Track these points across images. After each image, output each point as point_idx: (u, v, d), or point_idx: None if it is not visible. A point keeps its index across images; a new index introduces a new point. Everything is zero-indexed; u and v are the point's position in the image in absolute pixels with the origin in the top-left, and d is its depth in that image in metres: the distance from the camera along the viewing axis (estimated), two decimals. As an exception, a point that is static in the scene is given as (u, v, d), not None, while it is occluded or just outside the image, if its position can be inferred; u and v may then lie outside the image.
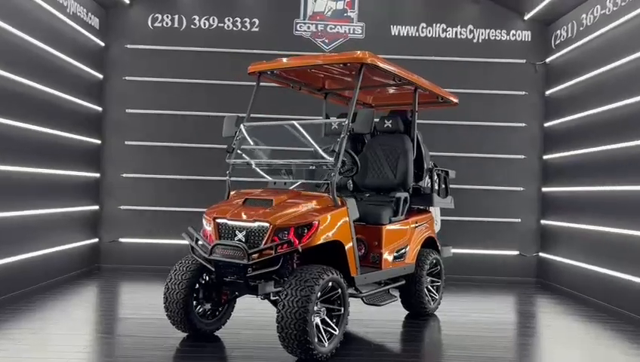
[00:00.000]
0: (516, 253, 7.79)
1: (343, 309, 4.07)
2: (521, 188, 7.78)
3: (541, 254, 7.73)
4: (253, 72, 4.96)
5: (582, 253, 6.68)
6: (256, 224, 4.00)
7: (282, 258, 3.86)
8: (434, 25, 7.85)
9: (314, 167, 4.42)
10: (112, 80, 7.74)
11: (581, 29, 6.87)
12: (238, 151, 4.71)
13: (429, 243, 5.63)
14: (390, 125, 5.57)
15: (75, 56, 6.93)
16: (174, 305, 4.25)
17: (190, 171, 7.69)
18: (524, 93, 7.80)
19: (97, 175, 7.68)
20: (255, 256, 3.89)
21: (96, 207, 7.68)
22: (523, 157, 7.80)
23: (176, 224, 7.63)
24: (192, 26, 7.79)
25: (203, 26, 7.80)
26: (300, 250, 3.85)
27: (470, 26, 7.84)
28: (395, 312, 5.48)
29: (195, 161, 7.69)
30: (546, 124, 7.74)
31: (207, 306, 4.47)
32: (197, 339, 4.40)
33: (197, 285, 4.38)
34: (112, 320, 5.19)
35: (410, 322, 5.33)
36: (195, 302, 4.38)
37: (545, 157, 7.74)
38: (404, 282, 5.22)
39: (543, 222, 7.73)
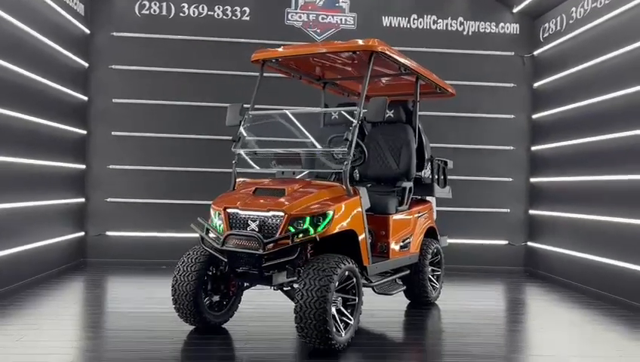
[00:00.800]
0: (505, 242, 7.92)
1: (357, 298, 4.05)
2: (510, 179, 7.91)
3: (529, 243, 7.88)
4: (257, 59, 4.87)
5: (569, 242, 6.85)
6: (270, 213, 3.93)
7: (299, 248, 3.81)
8: (425, 16, 7.87)
9: (324, 157, 4.36)
10: (98, 68, 7.50)
11: (571, 22, 7.00)
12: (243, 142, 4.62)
13: (430, 233, 5.66)
14: (392, 115, 5.56)
15: (60, 42, 6.64)
16: (183, 298, 4.15)
17: (178, 162, 7.54)
18: (512, 85, 7.92)
19: (83, 166, 7.44)
20: (271, 245, 3.83)
21: (82, 200, 7.44)
22: (511, 148, 7.92)
23: (165, 216, 7.51)
24: (181, 14, 7.61)
25: (192, 14, 7.63)
26: (318, 239, 3.81)
27: (460, 18, 7.90)
28: (397, 302, 5.49)
29: (183, 151, 7.54)
30: (534, 116, 7.87)
31: (216, 298, 4.38)
32: (206, 332, 4.31)
33: (205, 277, 4.29)
34: (102, 315, 5.05)
35: (413, 311, 5.35)
36: (203, 294, 4.29)
37: (533, 148, 7.88)
38: (408, 272, 5.23)
39: (531, 212, 7.88)
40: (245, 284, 4.45)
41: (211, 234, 4.17)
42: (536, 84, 7.85)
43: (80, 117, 7.34)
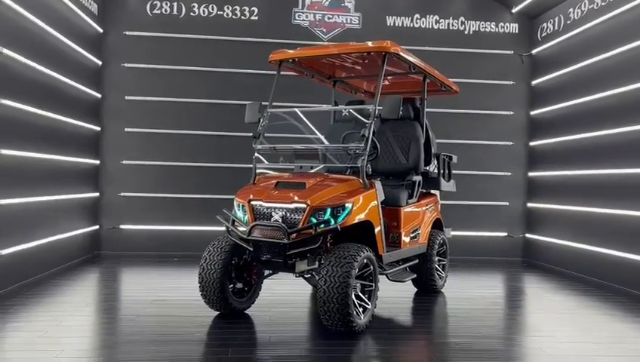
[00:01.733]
0: (504, 234, 8.24)
1: (374, 284, 4.33)
2: (509, 173, 8.22)
3: (527, 235, 8.20)
4: (275, 60, 5.12)
5: (566, 233, 7.20)
6: (293, 205, 4.20)
7: (321, 237, 4.08)
8: (427, 16, 8.15)
9: (347, 153, 4.63)
10: (111, 66, 7.72)
11: (568, 22, 7.31)
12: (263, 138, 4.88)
13: (436, 225, 5.95)
14: (401, 112, 5.80)
15: (75, 40, 6.84)
16: (210, 285, 4.41)
17: (189, 158, 7.78)
18: (511, 82, 8.22)
19: (97, 162, 7.66)
20: (294, 235, 4.10)
21: (97, 194, 7.67)
22: (510, 143, 8.23)
23: (176, 210, 7.76)
24: (192, 14, 7.84)
25: (202, 14, 7.85)
26: (339, 230, 4.08)
27: (461, 18, 8.18)
28: (405, 290, 5.79)
29: (194, 147, 7.78)
30: (532, 113, 8.18)
31: (239, 285, 4.65)
32: (231, 317, 4.57)
33: (230, 265, 4.55)
34: (128, 302, 5.28)
35: (421, 298, 5.65)
36: (227, 282, 4.56)
37: (531, 143, 8.19)
38: (417, 261, 5.52)
39: (529, 205, 8.20)
40: (266, 273, 4.72)
41: (239, 226, 4.42)
42: (534, 82, 8.16)
43: (94, 114, 7.56)
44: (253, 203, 4.40)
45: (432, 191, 6.18)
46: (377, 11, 8.08)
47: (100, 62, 7.64)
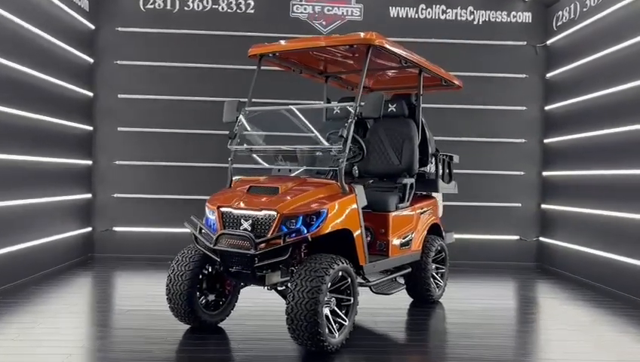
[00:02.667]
0: (516, 237, 7.75)
1: (352, 299, 3.96)
2: (521, 173, 7.72)
3: (541, 239, 7.68)
4: (254, 54, 4.78)
5: (583, 238, 6.66)
6: (262, 213, 3.86)
7: (291, 248, 3.73)
8: (433, 6, 7.69)
9: (321, 154, 4.26)
10: (103, 64, 7.50)
11: (584, 10, 6.76)
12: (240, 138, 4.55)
13: (434, 230, 5.54)
14: (394, 109, 5.42)
15: (64, 39, 6.67)
16: (177, 297, 4.11)
17: (184, 158, 7.51)
18: (524, 75, 7.70)
19: (89, 162, 7.46)
20: (262, 245, 3.76)
21: (89, 196, 7.48)
22: (523, 141, 7.72)
23: (171, 212, 7.50)
24: (186, 8, 7.56)
25: (197, 8, 7.57)
26: (310, 239, 3.72)
27: (470, 8, 7.69)
28: (400, 300, 5.39)
29: (189, 147, 7.51)
30: (547, 108, 7.65)
31: (211, 297, 4.34)
32: (201, 331, 4.27)
33: (200, 276, 4.24)
34: (109, 312, 5.04)
35: (417, 310, 5.24)
36: (198, 293, 4.25)
37: (545, 141, 7.66)
38: (410, 269, 5.12)
39: (543, 206, 7.68)
40: (240, 284, 4.39)
41: (204, 232, 4.10)
42: (549, 75, 7.62)
43: (86, 113, 7.35)
44: (222, 209, 4.07)
45: (434, 194, 5.78)
46: (380, 2, 7.66)
47: (91, 60, 7.42)
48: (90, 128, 7.45)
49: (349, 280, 3.92)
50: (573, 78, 7.01)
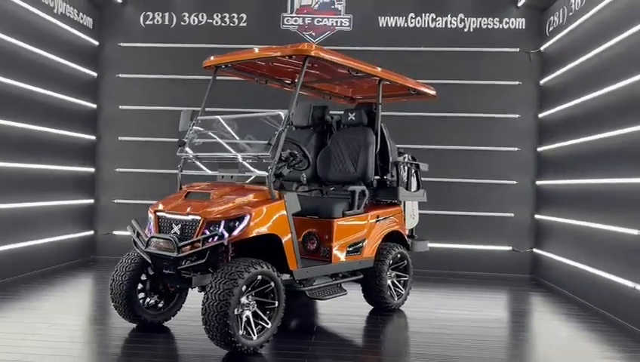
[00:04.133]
0: (509, 248, 7.54)
1: (277, 303, 4.06)
2: (514, 182, 7.52)
3: (535, 250, 7.45)
4: (209, 66, 5.01)
5: (577, 252, 6.17)
6: (189, 217, 4.05)
7: (210, 251, 3.88)
8: (423, 15, 7.67)
9: (254, 161, 4.40)
10: (106, 77, 7.97)
11: (570, 14, 6.56)
12: (189, 146, 4.77)
13: (396, 238, 5.54)
14: (354, 118, 5.51)
15: (71, 57, 7.28)
16: (118, 297, 4.35)
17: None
18: (517, 83, 7.52)
19: (92, 170, 7.94)
20: (186, 248, 3.94)
21: (92, 201, 7.94)
22: (516, 149, 7.53)
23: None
24: (182, 23, 7.92)
25: (192, 23, 7.91)
26: (226, 243, 3.87)
27: (461, 15, 7.62)
28: (362, 307, 5.43)
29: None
30: (541, 115, 7.43)
31: (155, 297, 4.55)
32: (145, 330, 4.48)
33: (145, 276, 4.47)
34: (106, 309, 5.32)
35: (375, 317, 5.25)
36: (143, 294, 4.48)
37: (539, 149, 7.44)
38: (361, 276, 5.16)
39: (537, 216, 7.44)
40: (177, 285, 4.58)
41: (142, 237, 4.33)
42: (542, 81, 7.41)
43: (90, 124, 7.84)
44: (158, 214, 4.30)
45: (407, 202, 5.80)
46: (369, 12, 7.73)
47: (95, 74, 7.91)
48: (94, 138, 7.93)
49: (273, 284, 4.02)
50: (563, 83, 6.79)
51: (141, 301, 4.49)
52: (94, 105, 7.92)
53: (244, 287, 3.79)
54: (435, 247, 7.55)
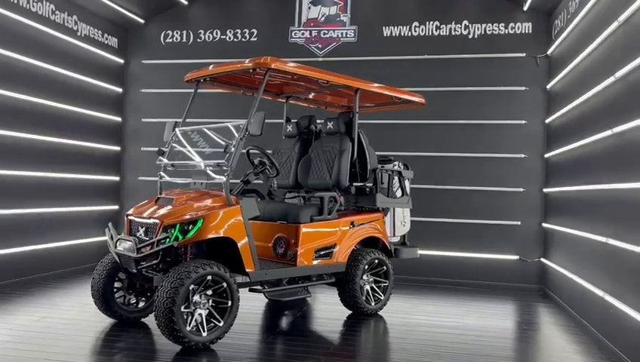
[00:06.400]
0: (516, 257, 7.36)
1: (230, 302, 4.30)
2: (521, 189, 7.35)
3: (543, 260, 7.22)
4: (190, 79, 5.38)
5: (582, 266, 5.63)
6: (151, 221, 4.39)
7: (162, 252, 4.20)
8: (427, 23, 7.70)
9: (211, 168, 4.68)
10: (131, 93, 8.60)
11: (568, 16, 6.38)
12: (168, 155, 5.14)
13: (374, 244, 5.63)
14: (332, 127, 5.68)
15: (99, 76, 8.04)
16: (97, 293, 4.76)
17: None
18: (524, 88, 7.37)
19: (117, 178, 8.56)
20: (147, 249, 4.27)
21: (117, 207, 8.55)
22: (523, 156, 7.36)
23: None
24: (198, 40, 8.41)
25: (207, 39, 8.38)
26: (176, 246, 4.16)
27: (465, 22, 7.58)
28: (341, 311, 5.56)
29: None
30: (548, 120, 7.23)
31: (133, 294, 4.92)
32: (123, 325, 4.85)
33: (124, 276, 4.84)
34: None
35: (355, 321, 5.36)
36: (122, 292, 4.87)
37: (547, 155, 7.23)
38: (333, 280, 5.30)
39: (544, 225, 7.22)
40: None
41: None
42: (549, 86, 7.22)
43: (116, 136, 8.48)
44: (129, 217, 4.68)
45: (397, 209, 5.92)
46: (373, 23, 7.86)
47: (120, 90, 8.55)
48: (119, 148, 8.56)
49: (225, 284, 4.26)
50: (567, 85, 6.58)
51: (122, 298, 4.88)
52: (119, 119, 8.55)
53: (192, 286, 4.06)
54: (440, 255, 7.55)
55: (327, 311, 5.73)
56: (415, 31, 7.74)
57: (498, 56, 7.47)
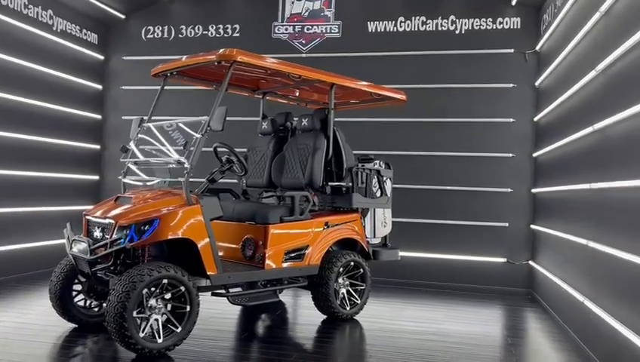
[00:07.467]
0: (503, 260, 7.11)
1: (189, 307, 4.08)
2: (509, 190, 7.10)
3: (532, 263, 6.97)
4: (156, 73, 5.16)
5: (567, 272, 5.31)
6: (106, 221, 4.17)
7: (115, 254, 3.98)
8: (413, 18, 7.47)
9: (171, 166, 4.47)
10: (111, 90, 8.40)
11: (555, 10, 6.13)
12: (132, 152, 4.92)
13: (354, 246, 5.41)
14: (307, 124, 5.45)
15: (78, 73, 7.83)
16: (54, 297, 4.55)
17: (179, 173, 8.06)
18: (512, 85, 7.12)
19: (97, 177, 8.35)
20: (99, 250, 4.06)
21: (96, 207, 8.35)
22: (511, 155, 7.11)
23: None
24: (180, 35, 8.20)
25: (189, 35, 8.17)
26: (128, 247, 3.94)
27: (452, 17, 7.34)
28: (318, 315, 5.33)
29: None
30: (536, 118, 6.98)
31: (93, 299, 4.71)
32: (83, 329, 4.64)
33: (84, 279, 4.63)
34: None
35: (327, 326, 5.14)
36: (81, 295, 4.66)
37: (535, 154, 6.98)
38: (305, 283, 5.07)
39: (533, 227, 6.97)
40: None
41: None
42: (537, 82, 6.97)
43: (95, 134, 8.28)
44: (87, 217, 4.46)
45: (378, 210, 5.70)
46: (358, 18, 7.62)
47: (100, 87, 8.35)
48: (98, 147, 8.36)
49: (183, 288, 4.04)
50: (554, 82, 6.33)
51: (82, 301, 4.67)
52: (99, 117, 8.35)
53: (145, 290, 3.84)
54: (425, 258, 7.31)
55: (303, 316, 5.52)
56: (401, 26, 7.50)
57: (486, 52, 7.22)
